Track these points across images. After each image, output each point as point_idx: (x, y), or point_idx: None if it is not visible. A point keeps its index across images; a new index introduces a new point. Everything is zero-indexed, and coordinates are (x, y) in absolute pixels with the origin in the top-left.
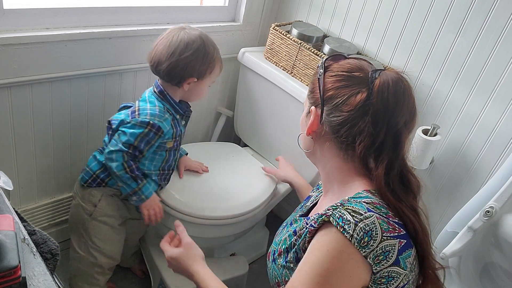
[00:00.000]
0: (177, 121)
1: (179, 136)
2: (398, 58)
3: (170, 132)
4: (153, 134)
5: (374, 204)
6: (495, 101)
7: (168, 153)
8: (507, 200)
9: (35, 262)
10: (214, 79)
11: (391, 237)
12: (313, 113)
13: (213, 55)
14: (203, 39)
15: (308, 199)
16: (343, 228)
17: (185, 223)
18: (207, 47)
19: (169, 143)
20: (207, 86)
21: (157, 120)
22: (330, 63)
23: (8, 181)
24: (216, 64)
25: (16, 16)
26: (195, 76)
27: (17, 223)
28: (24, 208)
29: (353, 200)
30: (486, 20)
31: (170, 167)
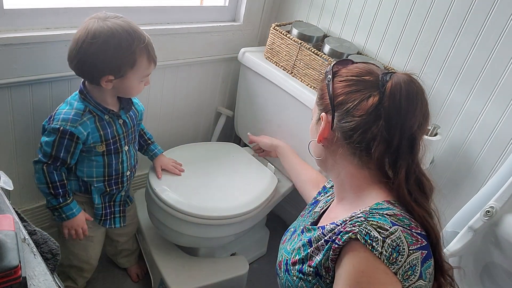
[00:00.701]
0: (106, 122)
1: (115, 138)
2: (398, 58)
3: (95, 136)
4: (68, 141)
5: (397, 216)
6: (495, 101)
7: (106, 158)
8: (507, 200)
9: (36, 262)
10: (144, 73)
11: (415, 249)
12: (323, 119)
13: (130, 47)
14: (112, 29)
15: (316, 203)
16: (371, 246)
17: (185, 223)
18: (118, 39)
19: (99, 147)
20: (138, 82)
21: (69, 125)
22: (338, 68)
23: (9, 181)
24: (138, 58)
25: (16, 16)
26: (111, 74)
27: (17, 223)
28: (25, 208)
29: (376, 213)
30: (486, 20)
31: (118, 171)
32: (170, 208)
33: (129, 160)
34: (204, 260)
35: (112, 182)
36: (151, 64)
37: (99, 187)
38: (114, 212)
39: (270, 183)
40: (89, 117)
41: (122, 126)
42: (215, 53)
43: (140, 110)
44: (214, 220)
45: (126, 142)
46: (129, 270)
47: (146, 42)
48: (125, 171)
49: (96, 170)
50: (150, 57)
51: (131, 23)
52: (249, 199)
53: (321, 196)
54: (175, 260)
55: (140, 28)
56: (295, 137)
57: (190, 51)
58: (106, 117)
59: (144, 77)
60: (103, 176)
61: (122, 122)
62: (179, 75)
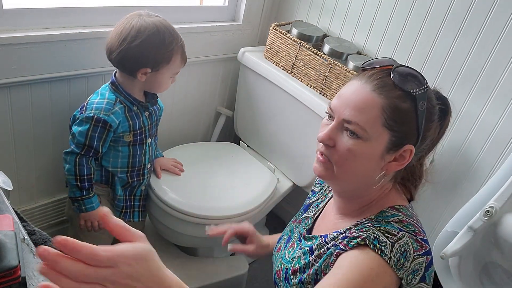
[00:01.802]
0: (134, 112)
1: (141, 129)
2: (398, 58)
3: (124, 125)
4: (101, 129)
5: (402, 223)
6: (495, 101)
7: (131, 148)
8: (507, 200)
9: (35, 262)
10: (175, 70)
11: (419, 255)
12: (409, 152)
13: (171, 44)
14: (157, 26)
15: (306, 208)
16: (381, 250)
17: (185, 223)
18: (162, 35)
19: (127, 136)
20: (168, 77)
21: (102, 113)
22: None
23: (8, 181)
24: (174, 55)
25: (16, 16)
26: (149, 67)
27: (16, 223)
28: (24, 208)
29: (381, 220)
30: (486, 20)
31: (141, 163)
32: (169, 208)
33: (151, 152)
34: (204, 260)
35: (135, 174)
36: (183, 62)
37: (122, 178)
38: (134, 206)
39: (270, 183)
40: (120, 106)
41: (148, 119)
42: (214, 53)
43: (162, 106)
44: (213, 220)
45: (150, 134)
46: None
47: (182, 41)
48: (147, 163)
49: (121, 161)
50: (184, 55)
51: (169, 23)
52: (248, 199)
53: (310, 200)
54: (175, 260)
55: (175, 28)
56: (295, 137)
57: (190, 51)
58: (135, 108)
59: (174, 74)
60: (127, 167)
61: (148, 115)
62: (179, 75)
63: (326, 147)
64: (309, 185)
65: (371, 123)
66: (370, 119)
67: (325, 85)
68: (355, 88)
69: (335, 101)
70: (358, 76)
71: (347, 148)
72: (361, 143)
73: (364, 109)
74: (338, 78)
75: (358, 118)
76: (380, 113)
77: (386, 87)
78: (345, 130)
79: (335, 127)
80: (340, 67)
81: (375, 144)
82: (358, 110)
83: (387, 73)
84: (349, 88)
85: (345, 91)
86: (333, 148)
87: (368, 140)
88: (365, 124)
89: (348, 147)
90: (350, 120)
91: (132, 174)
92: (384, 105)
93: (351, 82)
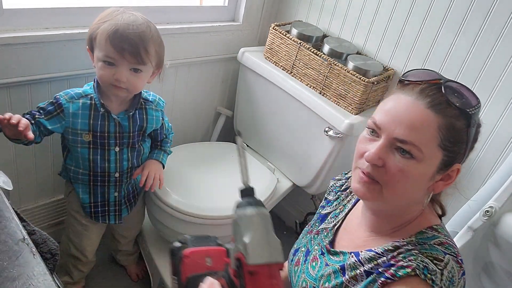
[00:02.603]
0: (101, 114)
1: (104, 134)
2: (398, 58)
3: (84, 123)
4: (54, 107)
5: (444, 245)
6: (494, 101)
7: (92, 151)
8: (506, 200)
9: (35, 262)
10: (103, 53)
11: (461, 276)
12: (456, 172)
13: (101, 23)
14: (107, 11)
15: (323, 219)
16: (432, 280)
17: (185, 223)
18: (102, 16)
19: (86, 135)
20: (98, 61)
21: (64, 98)
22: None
23: (8, 181)
24: (99, 33)
25: (16, 16)
26: (88, 45)
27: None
28: (24, 208)
29: (424, 243)
30: (486, 20)
31: (104, 169)
32: (169, 208)
33: (119, 162)
34: None
35: (99, 179)
36: (112, 47)
37: (83, 180)
38: (109, 211)
39: (270, 183)
40: (85, 101)
41: (117, 126)
42: (214, 53)
43: (155, 124)
44: (213, 220)
45: (118, 143)
46: (128, 270)
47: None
48: (113, 172)
49: (83, 162)
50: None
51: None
52: None
53: (325, 210)
54: None
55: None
56: (295, 137)
57: (190, 51)
58: (102, 110)
59: (104, 57)
60: (89, 170)
61: (118, 122)
62: (179, 75)
63: (373, 167)
64: (309, 185)
65: (427, 143)
66: (426, 139)
67: (325, 85)
68: (406, 104)
69: (382, 117)
70: (403, 90)
71: (400, 168)
72: (414, 163)
73: (420, 128)
74: (338, 78)
75: (414, 138)
76: (436, 133)
77: (442, 105)
78: (396, 149)
79: (385, 145)
80: (340, 67)
81: (428, 165)
82: (413, 129)
83: (438, 88)
84: (398, 104)
85: (393, 106)
86: (381, 168)
87: (422, 160)
88: (421, 144)
89: (401, 168)
90: (405, 139)
91: (95, 179)
92: (441, 124)
93: (397, 97)
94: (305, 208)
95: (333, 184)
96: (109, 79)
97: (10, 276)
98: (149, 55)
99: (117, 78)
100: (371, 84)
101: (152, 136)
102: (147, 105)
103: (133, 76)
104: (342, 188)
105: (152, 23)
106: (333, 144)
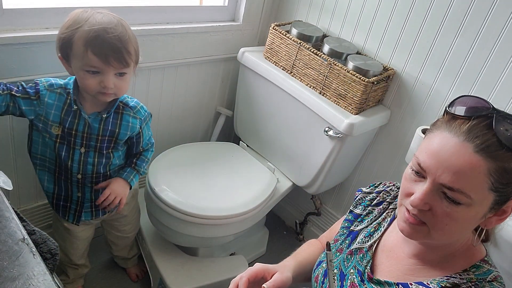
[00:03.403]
0: (73, 110)
1: (71, 131)
2: (398, 58)
3: (56, 114)
4: (31, 88)
5: (498, 280)
6: (494, 101)
7: (58, 145)
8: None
9: (35, 262)
10: (85, 62)
11: None
12: (511, 208)
13: (74, 30)
14: (74, 13)
15: (354, 237)
16: None
17: (185, 223)
18: (72, 21)
19: (55, 128)
20: (81, 71)
21: (43, 84)
22: None
23: (8, 181)
24: (75, 41)
25: (16, 15)
26: (59, 51)
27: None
28: (24, 208)
29: (482, 280)
30: (486, 20)
31: (67, 167)
32: (169, 208)
33: (83, 164)
34: (204, 260)
35: (62, 175)
36: (94, 55)
37: (50, 169)
38: (69, 208)
39: (270, 183)
40: (61, 93)
41: (86, 126)
42: (214, 53)
43: (130, 131)
44: (213, 220)
45: (84, 144)
46: (128, 271)
47: (92, 28)
48: (75, 172)
49: (50, 152)
50: (94, 46)
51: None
52: (248, 199)
53: (357, 227)
54: (175, 260)
55: (100, 19)
56: (295, 137)
57: (190, 51)
58: (75, 107)
59: (87, 67)
60: (55, 161)
61: (88, 123)
62: (179, 75)
63: (420, 210)
64: (309, 185)
65: (477, 188)
66: (476, 185)
67: (325, 85)
68: (453, 148)
69: (426, 159)
70: (450, 127)
71: (447, 214)
72: (463, 208)
73: (468, 175)
74: (338, 78)
75: (462, 185)
76: (486, 178)
77: (492, 147)
78: (443, 194)
79: (431, 189)
80: (340, 67)
81: (479, 208)
82: (461, 176)
83: (489, 126)
84: (445, 146)
85: (439, 148)
86: (428, 212)
87: (471, 205)
88: (470, 190)
89: (449, 213)
90: (452, 187)
91: (60, 172)
92: (491, 169)
93: (443, 136)
94: (305, 208)
95: (361, 197)
96: (96, 88)
97: (10, 276)
98: (131, 55)
99: (105, 86)
100: (371, 84)
101: (129, 145)
102: (125, 110)
103: (119, 80)
104: (373, 203)
105: (121, 19)
106: (333, 144)
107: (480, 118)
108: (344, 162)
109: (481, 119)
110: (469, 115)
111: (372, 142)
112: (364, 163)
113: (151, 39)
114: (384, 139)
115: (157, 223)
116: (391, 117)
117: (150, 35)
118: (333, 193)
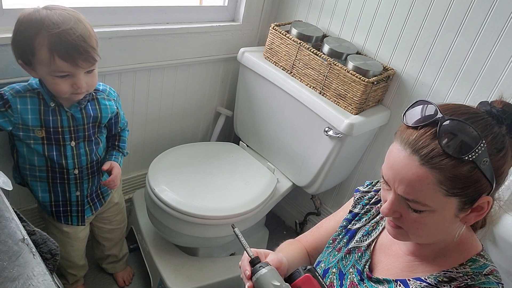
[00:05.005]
0: (51, 109)
1: (58, 129)
2: (398, 58)
3: (35, 119)
4: (1, 103)
5: (494, 273)
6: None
7: (46, 147)
8: (506, 200)
9: (35, 262)
10: (52, 68)
11: None
12: (487, 204)
13: (32, 36)
14: (24, 15)
15: (352, 235)
16: None
17: (185, 223)
18: (27, 25)
19: (38, 131)
20: (49, 76)
21: (9, 92)
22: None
23: (8, 181)
24: (37, 47)
25: (16, 16)
26: (19, 58)
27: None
28: (24, 208)
29: (479, 273)
30: (486, 20)
31: (61, 166)
32: (169, 208)
33: (77, 158)
34: (203, 260)
35: (57, 177)
36: (61, 59)
37: (42, 178)
38: (71, 211)
39: (269, 183)
40: (32, 95)
41: (70, 120)
42: (214, 53)
43: (110, 112)
44: (213, 220)
45: (73, 137)
46: (115, 275)
47: (53, 31)
48: (71, 168)
49: (38, 159)
50: (55, 47)
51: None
52: (248, 199)
53: (354, 226)
54: (174, 260)
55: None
56: (295, 137)
57: (189, 51)
58: (52, 104)
59: (56, 72)
60: (46, 166)
61: (71, 115)
62: (178, 75)
63: (394, 217)
64: (309, 185)
65: (432, 197)
66: (429, 195)
67: (325, 85)
68: (402, 161)
69: (386, 171)
70: (401, 138)
71: (415, 220)
72: (428, 214)
73: (418, 187)
74: (338, 78)
75: (416, 196)
76: (437, 187)
77: (436, 158)
78: (406, 203)
79: (396, 199)
80: (340, 67)
81: (444, 211)
82: (412, 188)
83: (433, 135)
84: (397, 158)
85: (392, 161)
86: (401, 218)
87: (434, 210)
88: (424, 200)
89: (416, 219)
90: (408, 198)
91: (54, 176)
92: (440, 178)
93: (396, 148)
94: (305, 208)
95: (359, 196)
96: (69, 90)
97: (10, 276)
98: (96, 50)
99: (78, 87)
100: (371, 84)
101: (107, 127)
102: (98, 95)
103: (89, 77)
104: (371, 202)
105: (75, 12)
106: (333, 144)
107: (427, 127)
108: (344, 162)
109: (427, 128)
110: (416, 125)
111: (372, 142)
112: (364, 163)
113: (151, 39)
114: (384, 139)
115: (157, 223)
116: (391, 117)
117: (150, 35)
118: (333, 193)
